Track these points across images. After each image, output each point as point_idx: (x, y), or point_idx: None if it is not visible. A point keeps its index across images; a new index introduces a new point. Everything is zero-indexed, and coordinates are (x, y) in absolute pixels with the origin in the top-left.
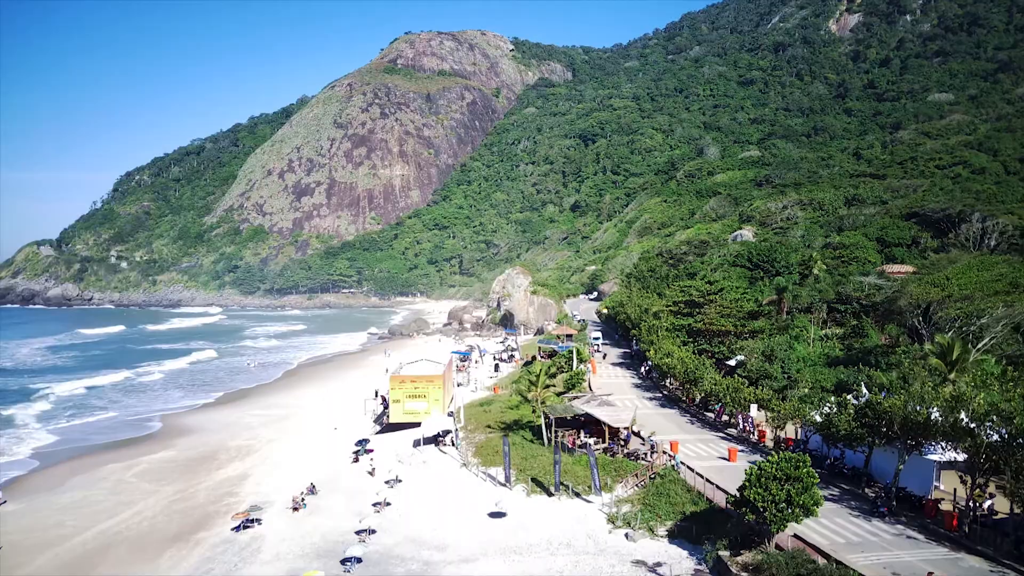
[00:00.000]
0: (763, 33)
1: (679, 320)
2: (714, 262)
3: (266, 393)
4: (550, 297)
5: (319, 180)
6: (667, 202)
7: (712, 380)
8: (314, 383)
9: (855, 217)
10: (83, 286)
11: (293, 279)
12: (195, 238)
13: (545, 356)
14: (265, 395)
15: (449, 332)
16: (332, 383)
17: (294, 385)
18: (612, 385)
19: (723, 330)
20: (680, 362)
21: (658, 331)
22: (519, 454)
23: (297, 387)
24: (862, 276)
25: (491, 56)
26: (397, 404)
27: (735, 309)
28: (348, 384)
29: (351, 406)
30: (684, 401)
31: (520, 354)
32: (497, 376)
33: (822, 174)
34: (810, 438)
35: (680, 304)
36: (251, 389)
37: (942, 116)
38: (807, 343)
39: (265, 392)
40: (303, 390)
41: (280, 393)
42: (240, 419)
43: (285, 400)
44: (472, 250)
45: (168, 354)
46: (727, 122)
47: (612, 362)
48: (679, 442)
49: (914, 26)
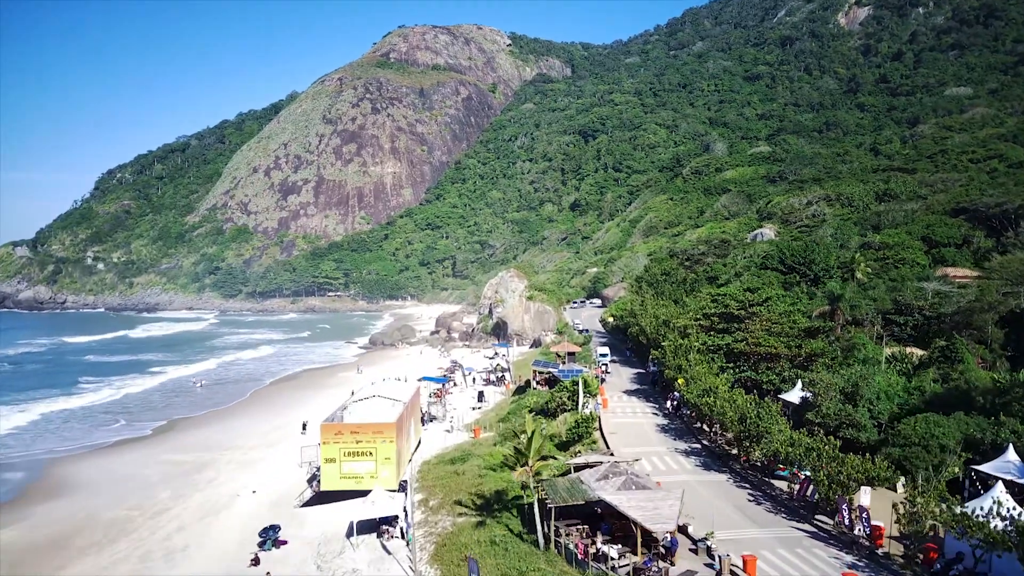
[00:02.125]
0: (769, 27)
1: (712, 338)
2: (738, 264)
3: (200, 425)
4: (548, 303)
5: (307, 178)
6: (673, 200)
7: (787, 440)
8: (266, 410)
9: (893, 213)
10: (56, 288)
11: (276, 281)
12: (176, 238)
13: (542, 382)
14: (197, 428)
15: (435, 342)
16: (292, 410)
17: (239, 414)
18: (630, 428)
19: (772, 352)
20: (731, 406)
21: (687, 353)
22: (499, 570)
23: (241, 416)
24: (921, 281)
25: (487, 51)
26: (331, 465)
27: (787, 325)
28: (308, 411)
29: (293, 449)
30: (736, 458)
31: (512, 375)
32: (482, 407)
33: (841, 169)
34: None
35: (713, 317)
36: (184, 421)
37: (962, 110)
38: (879, 370)
39: (200, 425)
40: (247, 421)
41: (217, 426)
42: (141, 470)
43: (218, 438)
44: (466, 251)
45: (113, 370)
46: (734, 117)
47: (625, 388)
48: (756, 555)
49: (927, 19)
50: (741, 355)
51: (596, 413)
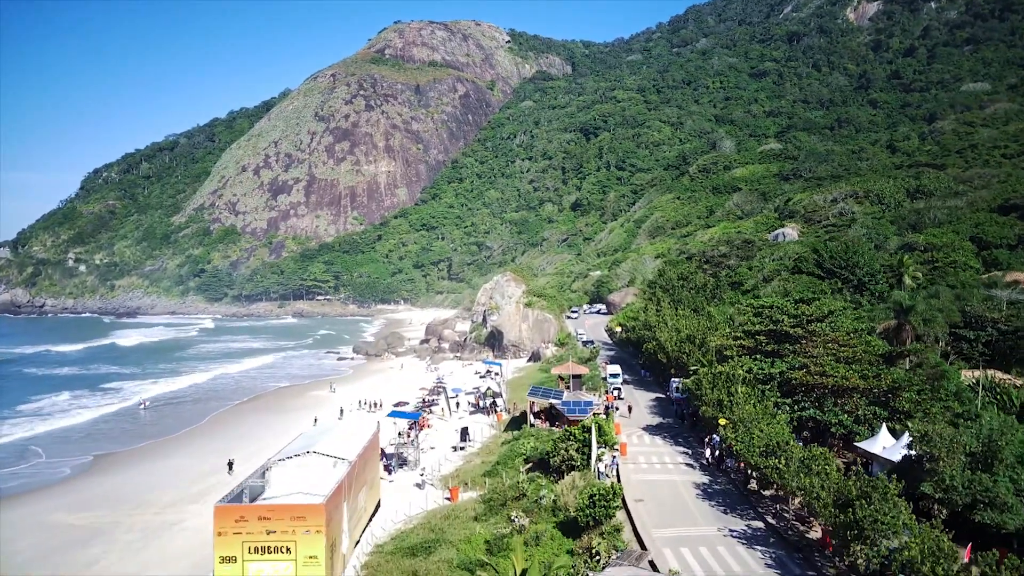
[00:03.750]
0: (775, 23)
1: (758, 363)
2: (766, 267)
3: (126, 465)
4: (548, 311)
5: (297, 177)
6: (681, 199)
7: (925, 547)
8: (215, 441)
9: (935, 211)
10: (34, 291)
11: (263, 284)
12: (161, 239)
13: (543, 419)
14: (120, 470)
15: (424, 353)
16: (246, 443)
17: (181, 447)
18: (661, 491)
19: (844, 386)
20: (822, 482)
21: (730, 383)
22: None
23: (182, 451)
24: (989, 289)
25: (486, 47)
26: (229, 568)
27: (860, 348)
28: (260, 445)
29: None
30: (820, 546)
31: (506, 399)
32: (466, 449)
33: (861, 166)
34: None
35: (760, 336)
36: (110, 457)
37: (981, 106)
38: (976, 407)
39: (126, 464)
40: (185, 459)
41: (145, 465)
42: (11, 540)
43: (137, 485)
44: (462, 252)
45: (57, 385)
46: (740, 115)
47: (644, 422)
48: None
49: (940, 13)
50: (799, 387)
51: (615, 481)
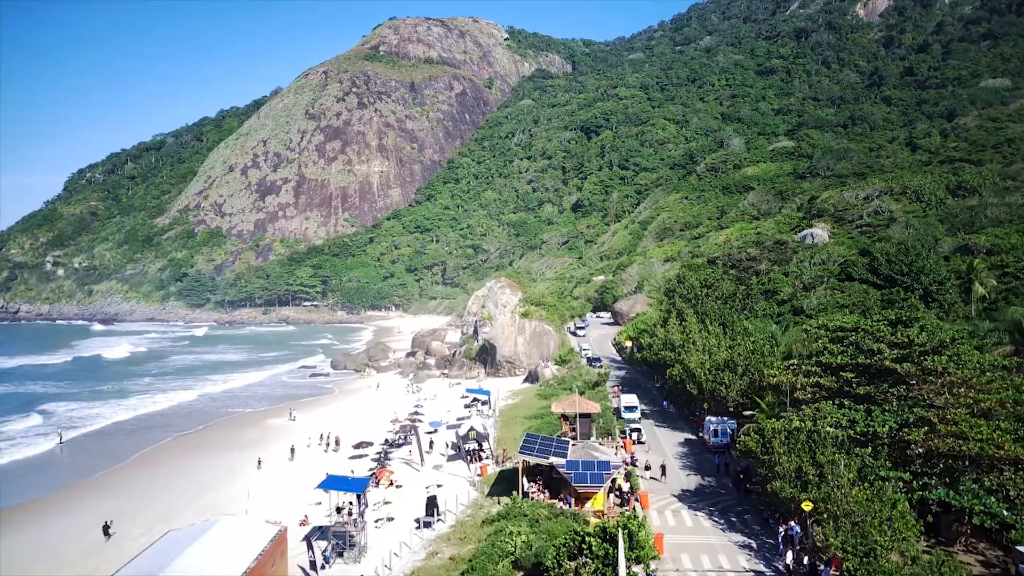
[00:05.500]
0: (782, 20)
1: (848, 414)
2: (805, 273)
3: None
4: (548, 322)
5: (287, 177)
6: (689, 199)
7: None
8: (123, 494)
9: (992, 207)
10: (9, 296)
11: (248, 290)
12: (143, 242)
13: (539, 484)
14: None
15: (407, 368)
16: (161, 495)
17: (75, 504)
18: None
19: (993, 456)
20: None
21: (816, 447)
22: None
23: (77, 508)
24: None
25: (484, 45)
26: None
27: (1008, 395)
28: (167, 511)
29: None
30: None
31: (494, 443)
32: (433, 527)
33: (885, 163)
34: None
35: (845, 372)
36: None
37: (1003, 102)
38: None
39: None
40: (72, 520)
41: (14, 537)
42: None
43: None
44: (458, 256)
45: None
46: (748, 112)
47: (680, 486)
48: None
49: (954, 9)
50: (917, 453)
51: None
